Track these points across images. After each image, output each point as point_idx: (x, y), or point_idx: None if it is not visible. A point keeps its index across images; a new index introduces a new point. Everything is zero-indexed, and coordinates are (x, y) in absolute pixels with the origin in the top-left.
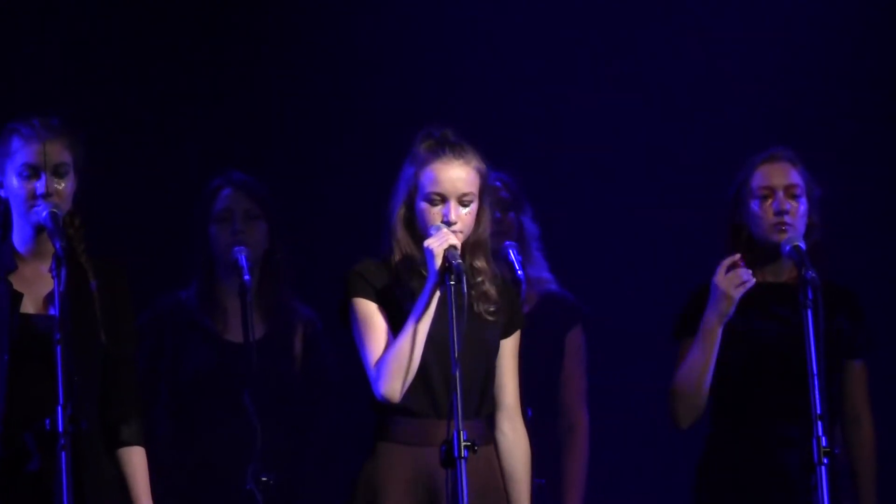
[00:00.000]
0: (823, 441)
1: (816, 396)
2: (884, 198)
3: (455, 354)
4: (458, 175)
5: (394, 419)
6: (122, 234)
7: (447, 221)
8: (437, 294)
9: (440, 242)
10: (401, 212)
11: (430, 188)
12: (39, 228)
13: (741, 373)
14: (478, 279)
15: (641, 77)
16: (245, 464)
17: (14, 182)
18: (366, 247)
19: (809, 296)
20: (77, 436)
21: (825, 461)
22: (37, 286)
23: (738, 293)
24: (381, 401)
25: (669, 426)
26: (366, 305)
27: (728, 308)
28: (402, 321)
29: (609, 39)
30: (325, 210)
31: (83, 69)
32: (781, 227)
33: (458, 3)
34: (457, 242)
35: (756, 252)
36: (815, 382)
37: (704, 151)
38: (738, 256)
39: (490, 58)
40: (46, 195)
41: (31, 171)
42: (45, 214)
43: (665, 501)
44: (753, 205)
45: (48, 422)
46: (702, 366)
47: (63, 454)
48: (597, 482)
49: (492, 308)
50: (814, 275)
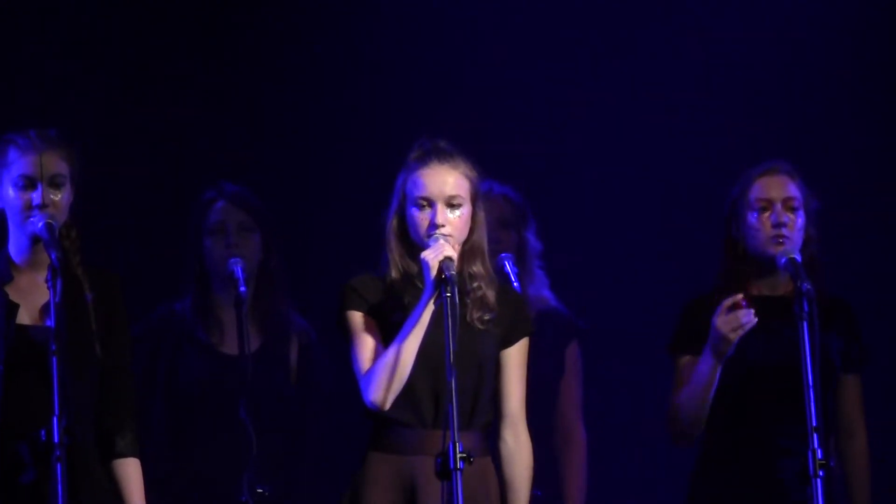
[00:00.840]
0: (819, 453)
1: (812, 409)
2: (884, 203)
3: (450, 364)
4: (445, 179)
5: (382, 429)
6: (116, 244)
7: (434, 224)
8: (432, 305)
9: (436, 254)
10: (393, 222)
11: (418, 193)
12: (35, 239)
13: (737, 385)
14: (474, 284)
15: (640, 79)
16: (240, 475)
17: (10, 193)
18: (362, 255)
19: (805, 308)
20: (72, 447)
21: (821, 473)
22: (32, 297)
23: (736, 336)
24: (371, 408)
25: (664, 438)
26: (358, 318)
27: (726, 349)
28: (395, 333)
29: (609, 39)
30: (321, 219)
31: (77, 78)
32: (779, 240)
33: (456, 14)
34: (453, 254)
35: (751, 265)
36: (811, 395)
37: (705, 166)
38: (740, 297)
39: (489, 62)
40: (43, 206)
41: (28, 182)
42: (41, 225)
43: None
44: (751, 217)
45: (43, 433)
46: (700, 398)
47: (58, 465)
48: (593, 494)
49: (487, 316)
50: (809, 287)
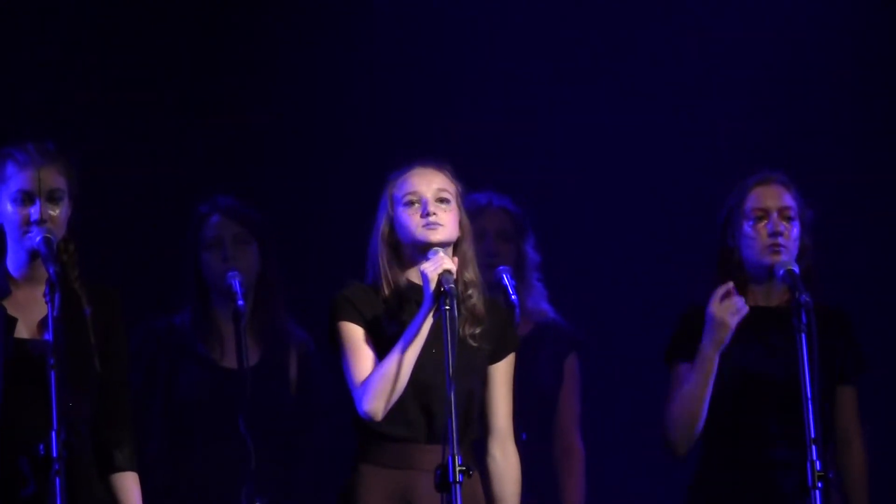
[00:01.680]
0: (818, 465)
1: (811, 420)
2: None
3: (449, 378)
4: (431, 178)
5: (374, 442)
6: (113, 258)
7: (426, 213)
8: (431, 318)
9: (435, 267)
10: (384, 228)
11: (406, 191)
12: (34, 254)
13: (734, 397)
14: (468, 292)
15: (641, 80)
16: (239, 487)
17: (8, 207)
18: (356, 265)
19: (804, 320)
20: (71, 460)
21: (819, 485)
22: (31, 311)
23: (735, 321)
24: (364, 418)
25: (663, 450)
26: (352, 329)
27: (724, 336)
28: (389, 345)
29: (609, 39)
30: (316, 229)
31: (73, 91)
32: (776, 249)
33: (451, 31)
34: (452, 267)
35: (747, 275)
36: (810, 407)
37: (706, 176)
38: (731, 285)
39: (487, 68)
40: (41, 221)
41: (26, 197)
42: (40, 240)
43: None
44: (747, 226)
45: (42, 447)
46: (699, 394)
47: (57, 479)
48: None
49: (477, 331)
50: (808, 299)
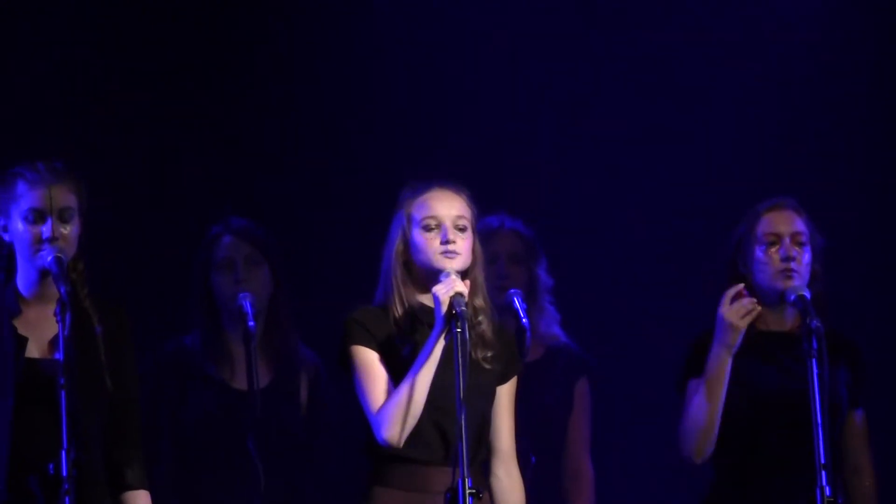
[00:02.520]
0: (827, 490)
1: (821, 446)
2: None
3: (460, 401)
4: (451, 202)
5: (389, 465)
6: (123, 277)
7: (446, 241)
8: (443, 341)
9: (447, 289)
10: (398, 247)
11: (425, 214)
12: (44, 273)
13: (744, 421)
14: (478, 318)
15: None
16: None
17: (19, 226)
18: (368, 286)
19: (814, 345)
20: (81, 479)
21: None
22: (41, 330)
23: (745, 323)
24: (384, 445)
25: (672, 474)
26: (366, 353)
27: (735, 338)
28: (402, 368)
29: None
30: (327, 251)
31: (82, 111)
32: (788, 274)
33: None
34: (464, 290)
35: (759, 301)
36: (820, 432)
37: (718, 199)
38: (742, 286)
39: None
40: (52, 240)
41: (37, 216)
42: (51, 259)
43: None
44: (759, 251)
45: (52, 466)
46: (714, 400)
47: (67, 498)
48: None
49: (489, 354)
50: (819, 324)
